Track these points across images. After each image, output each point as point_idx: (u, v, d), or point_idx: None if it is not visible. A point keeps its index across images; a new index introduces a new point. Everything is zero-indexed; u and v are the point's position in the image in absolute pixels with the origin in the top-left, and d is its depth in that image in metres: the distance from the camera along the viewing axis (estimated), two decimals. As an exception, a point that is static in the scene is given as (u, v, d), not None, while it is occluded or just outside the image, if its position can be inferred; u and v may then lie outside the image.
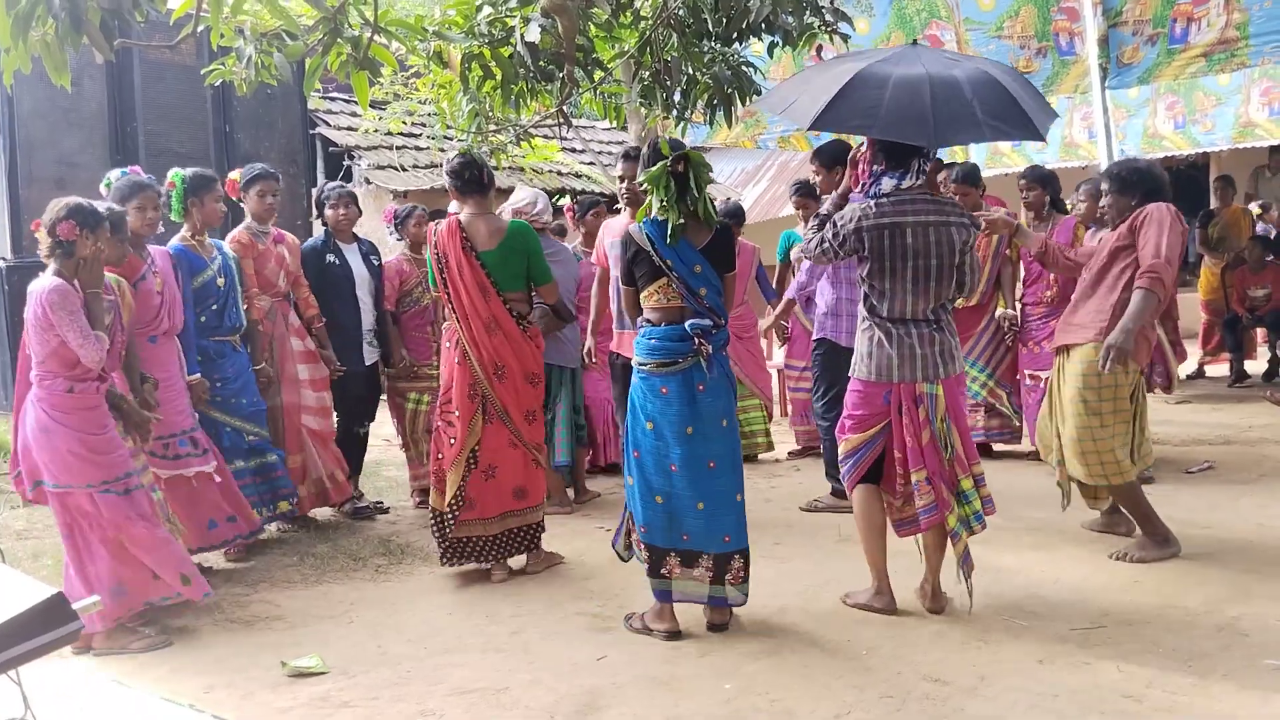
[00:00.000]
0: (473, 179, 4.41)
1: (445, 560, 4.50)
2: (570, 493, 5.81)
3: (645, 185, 3.76)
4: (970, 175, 6.33)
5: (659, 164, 3.70)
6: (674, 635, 3.73)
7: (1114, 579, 4.16)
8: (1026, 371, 6.34)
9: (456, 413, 4.42)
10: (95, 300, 3.77)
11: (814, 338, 5.35)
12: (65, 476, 3.78)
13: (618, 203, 5.59)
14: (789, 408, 7.06)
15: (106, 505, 3.79)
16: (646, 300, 3.81)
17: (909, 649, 3.56)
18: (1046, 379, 6.16)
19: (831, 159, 5.21)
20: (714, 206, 3.86)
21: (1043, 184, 6.29)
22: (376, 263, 5.81)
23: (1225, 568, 4.22)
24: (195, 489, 4.50)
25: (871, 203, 3.69)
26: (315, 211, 5.86)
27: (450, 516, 4.44)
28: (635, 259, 3.79)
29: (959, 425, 3.79)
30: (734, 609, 3.85)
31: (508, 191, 6.14)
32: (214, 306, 4.89)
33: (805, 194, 6.31)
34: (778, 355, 7.14)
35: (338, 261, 5.64)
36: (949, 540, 3.78)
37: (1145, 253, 4.24)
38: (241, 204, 5.36)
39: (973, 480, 3.79)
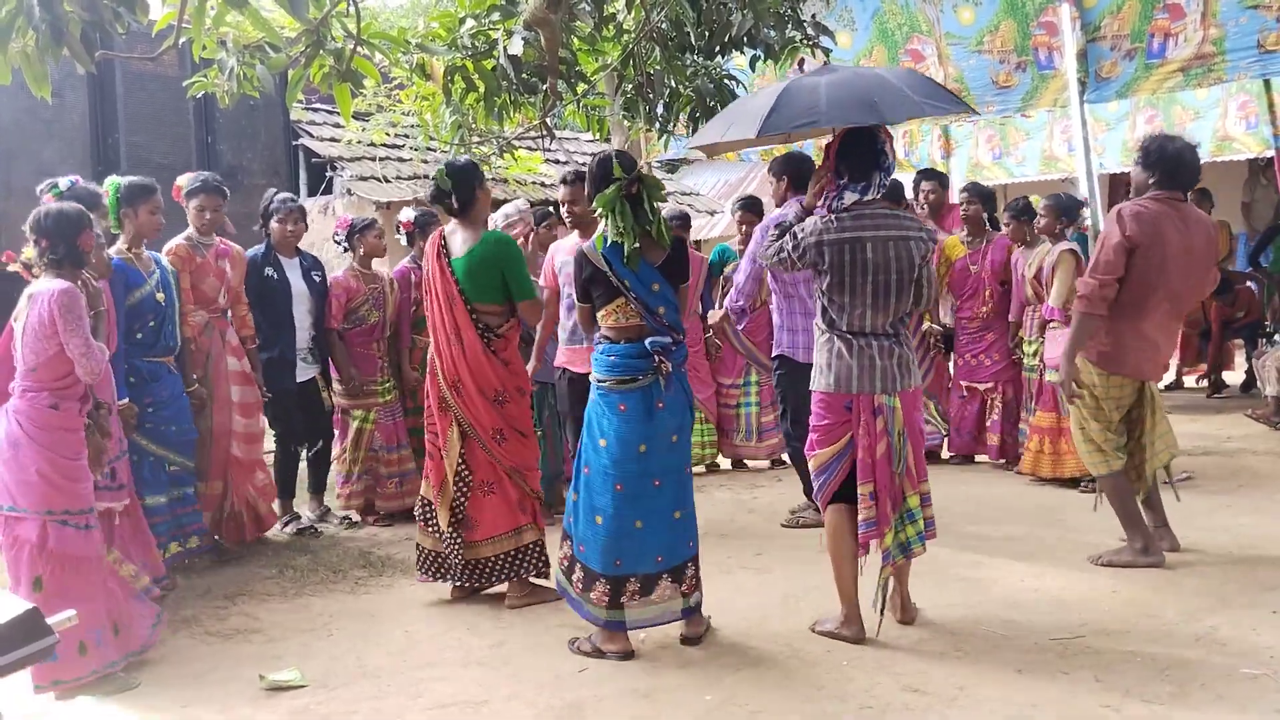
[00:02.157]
0: (447, 207, 4.31)
1: (460, 584, 4.32)
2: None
3: (598, 209, 3.66)
4: (891, 194, 6.39)
5: (613, 186, 3.61)
6: (628, 656, 3.68)
7: (1092, 589, 4.19)
8: (963, 383, 6.50)
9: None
10: (94, 312, 3.69)
11: (772, 355, 5.29)
12: (23, 500, 3.52)
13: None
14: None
15: (57, 538, 3.51)
16: (604, 319, 3.73)
17: (889, 660, 3.57)
18: (984, 391, 6.33)
19: (781, 168, 5.18)
20: (667, 226, 3.74)
21: (982, 200, 6.49)
22: (319, 279, 5.63)
23: (1203, 578, 4.25)
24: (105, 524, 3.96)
25: (832, 216, 3.66)
26: (260, 220, 5.59)
27: (457, 538, 4.26)
28: (592, 279, 3.70)
29: (913, 440, 3.75)
30: (709, 624, 3.84)
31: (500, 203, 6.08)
32: (151, 324, 4.58)
33: (749, 209, 6.26)
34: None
35: (276, 276, 5.45)
36: (882, 559, 3.69)
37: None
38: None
39: (919, 498, 3.75)
